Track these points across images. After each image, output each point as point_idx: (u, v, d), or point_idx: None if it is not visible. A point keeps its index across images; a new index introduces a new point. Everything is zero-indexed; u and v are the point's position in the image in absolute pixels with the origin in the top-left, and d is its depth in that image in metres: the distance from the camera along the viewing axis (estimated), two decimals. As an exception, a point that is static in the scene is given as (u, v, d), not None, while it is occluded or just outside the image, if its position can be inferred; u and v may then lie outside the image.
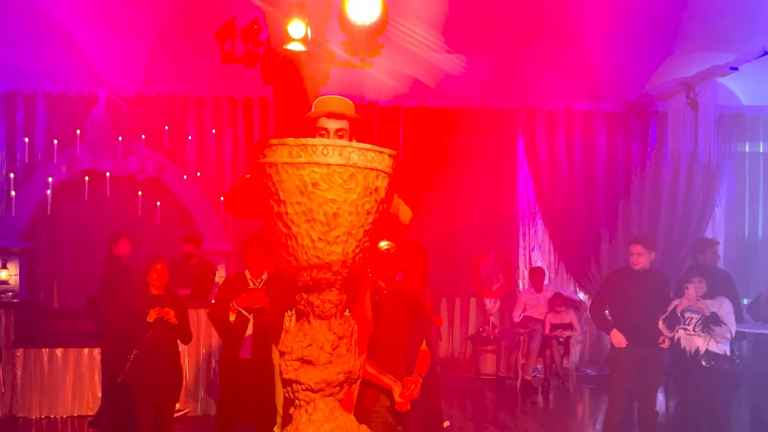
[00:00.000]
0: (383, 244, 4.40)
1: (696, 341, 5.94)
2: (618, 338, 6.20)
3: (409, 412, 4.24)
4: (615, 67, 10.52)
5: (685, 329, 6.00)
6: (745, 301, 8.14)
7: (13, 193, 9.52)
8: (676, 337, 6.05)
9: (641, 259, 6.19)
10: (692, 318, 5.96)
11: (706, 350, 5.92)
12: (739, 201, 11.40)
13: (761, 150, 11.45)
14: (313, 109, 3.36)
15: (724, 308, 5.94)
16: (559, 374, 9.80)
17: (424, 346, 4.51)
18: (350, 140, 3.24)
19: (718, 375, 5.94)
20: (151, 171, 10.02)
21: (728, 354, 5.97)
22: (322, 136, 3.24)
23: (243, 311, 5.82)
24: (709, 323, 5.86)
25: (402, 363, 4.34)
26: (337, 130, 3.27)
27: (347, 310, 2.84)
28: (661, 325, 6.06)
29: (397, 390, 4.20)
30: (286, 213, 2.58)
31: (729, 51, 9.42)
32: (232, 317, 5.84)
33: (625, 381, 6.27)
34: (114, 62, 10.02)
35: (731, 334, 5.93)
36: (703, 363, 5.91)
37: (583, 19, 9.96)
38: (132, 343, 5.76)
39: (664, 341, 6.11)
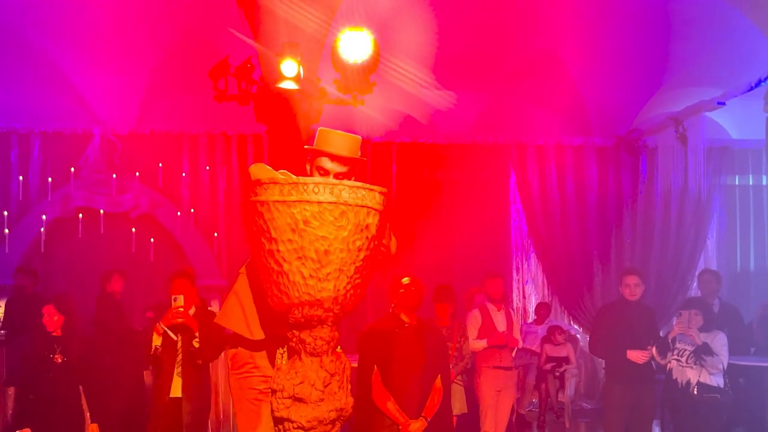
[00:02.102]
0: (405, 281, 4.70)
1: (688, 373, 5.89)
2: (636, 355, 6.06)
3: None
4: (604, 102, 10.65)
5: (677, 360, 5.96)
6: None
7: (6, 230, 9.52)
8: (668, 367, 6.03)
9: (638, 290, 6.17)
10: (685, 350, 5.94)
11: (698, 382, 5.87)
12: (731, 233, 11.45)
13: (750, 183, 11.54)
14: (316, 140, 3.14)
15: (717, 340, 5.91)
16: (555, 408, 9.74)
17: (438, 383, 4.69)
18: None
19: (711, 407, 5.88)
20: (144, 208, 10.03)
21: (722, 386, 5.94)
22: (320, 175, 3.09)
23: (169, 332, 5.51)
24: (701, 353, 5.83)
25: (414, 395, 4.56)
26: (338, 175, 3.08)
27: (339, 347, 2.85)
28: (654, 351, 6.04)
29: (405, 426, 4.49)
30: (278, 250, 2.61)
31: (716, 86, 9.56)
32: (157, 341, 5.47)
33: (619, 416, 6.23)
34: (108, 100, 10.10)
35: (723, 365, 5.90)
36: (695, 393, 5.88)
37: (573, 55, 10.11)
38: (30, 387, 5.42)
39: (645, 355, 6.04)
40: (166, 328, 5.49)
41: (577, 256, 10.95)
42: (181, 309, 5.47)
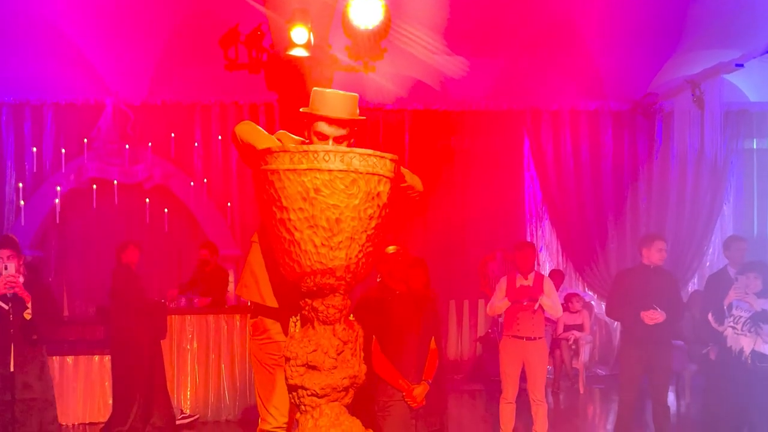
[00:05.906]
0: (390, 249, 4.70)
1: (742, 341, 5.71)
2: (648, 315, 5.95)
3: (423, 407, 4.64)
4: (620, 65, 10.49)
5: (733, 327, 5.78)
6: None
7: (22, 202, 9.60)
8: (724, 334, 5.86)
9: (664, 254, 6.18)
10: (741, 317, 5.74)
11: (753, 350, 5.68)
12: (748, 198, 11.34)
13: (769, 146, 11.40)
14: (311, 102, 3.00)
15: None
16: (569, 375, 9.77)
17: (433, 345, 4.82)
18: (351, 144, 3.01)
19: (765, 378, 5.66)
20: (158, 178, 10.08)
21: None
22: (318, 141, 2.97)
23: (1, 303, 5.11)
24: (758, 320, 5.63)
25: (412, 360, 4.66)
26: (337, 138, 2.97)
27: (351, 315, 2.85)
28: (710, 317, 5.95)
29: (409, 391, 4.57)
30: (289, 219, 2.60)
31: (734, 48, 9.39)
32: None
33: (633, 378, 6.22)
34: (120, 71, 10.08)
35: None
36: (749, 362, 5.66)
37: (587, 19, 9.94)
38: None
39: (656, 315, 5.96)
40: None
41: (591, 222, 10.91)
42: (12, 278, 5.11)
